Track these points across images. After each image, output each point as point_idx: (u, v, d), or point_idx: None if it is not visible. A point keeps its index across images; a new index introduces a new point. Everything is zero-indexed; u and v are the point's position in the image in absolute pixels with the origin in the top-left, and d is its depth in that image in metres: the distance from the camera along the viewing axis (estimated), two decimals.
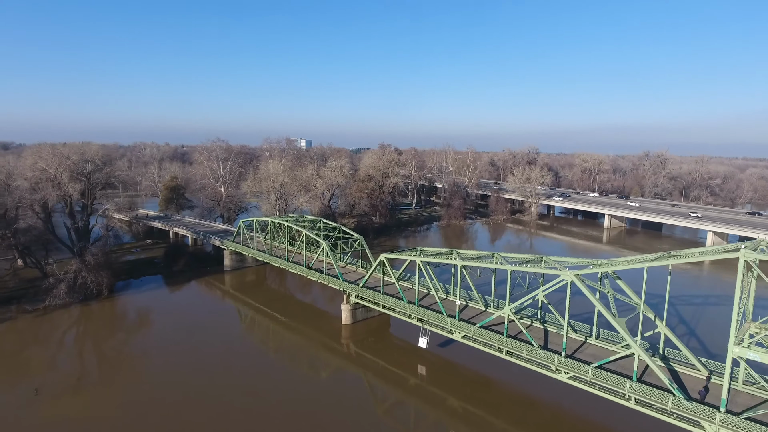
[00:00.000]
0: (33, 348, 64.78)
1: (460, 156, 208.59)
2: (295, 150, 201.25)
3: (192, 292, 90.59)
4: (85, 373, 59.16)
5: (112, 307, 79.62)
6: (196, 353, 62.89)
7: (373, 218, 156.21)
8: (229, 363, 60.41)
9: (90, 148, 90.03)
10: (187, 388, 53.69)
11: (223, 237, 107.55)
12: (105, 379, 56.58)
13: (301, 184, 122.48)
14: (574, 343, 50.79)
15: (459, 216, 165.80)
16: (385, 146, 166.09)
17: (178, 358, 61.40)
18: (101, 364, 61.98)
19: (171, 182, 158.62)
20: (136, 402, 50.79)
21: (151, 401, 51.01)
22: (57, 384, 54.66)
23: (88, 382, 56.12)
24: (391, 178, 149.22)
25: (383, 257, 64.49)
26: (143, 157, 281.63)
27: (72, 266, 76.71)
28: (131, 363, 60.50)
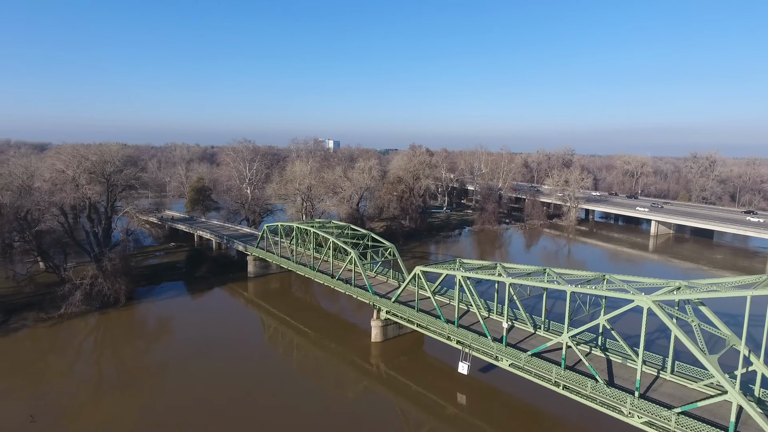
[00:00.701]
0: (47, 358, 61.40)
1: (493, 157, 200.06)
2: (322, 151, 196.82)
3: (214, 300, 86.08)
4: (101, 383, 56.22)
5: (130, 315, 75.62)
6: (216, 366, 59.03)
7: (402, 222, 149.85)
8: (251, 376, 56.81)
9: (109, 149, 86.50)
10: (206, 402, 50.38)
11: (247, 241, 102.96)
12: (122, 390, 53.47)
13: (328, 186, 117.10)
14: (645, 377, 43.06)
15: (493, 221, 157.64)
16: (416, 147, 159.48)
17: (198, 372, 57.60)
18: (117, 375, 58.66)
19: (197, 183, 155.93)
20: (154, 413, 48.22)
21: (169, 413, 48.34)
22: (69, 398, 51.36)
23: (105, 393, 53.31)
24: (423, 180, 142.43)
25: (419, 270, 57.92)
26: (173, 158, 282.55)
27: (89, 272, 72.94)
28: (148, 375, 57.09)
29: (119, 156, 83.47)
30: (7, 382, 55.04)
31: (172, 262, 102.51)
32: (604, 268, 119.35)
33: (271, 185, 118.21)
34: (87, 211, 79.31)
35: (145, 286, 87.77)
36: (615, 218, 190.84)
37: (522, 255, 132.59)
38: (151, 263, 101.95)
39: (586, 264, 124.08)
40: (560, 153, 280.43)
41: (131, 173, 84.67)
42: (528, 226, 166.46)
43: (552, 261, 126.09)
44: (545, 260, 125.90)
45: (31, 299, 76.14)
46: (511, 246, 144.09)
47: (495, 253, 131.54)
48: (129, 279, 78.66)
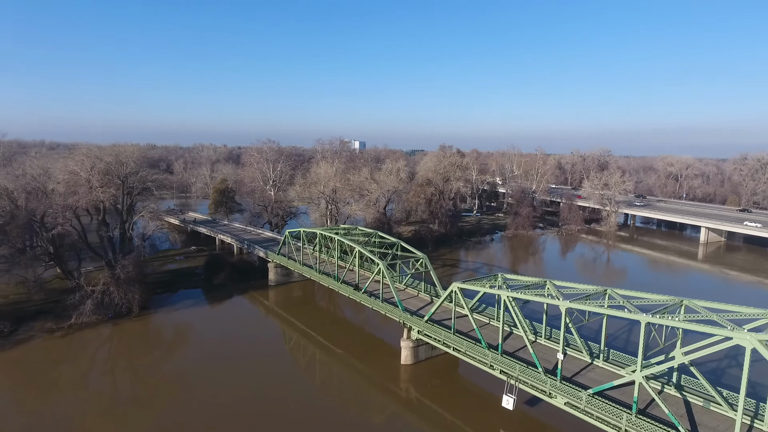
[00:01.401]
0: (58, 369, 57.32)
1: (526, 158, 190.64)
2: (348, 152, 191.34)
3: (233, 309, 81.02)
4: (113, 397, 52.43)
5: (144, 326, 71.09)
6: (233, 382, 54.83)
7: (431, 226, 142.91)
8: (271, 392, 53.14)
9: (125, 150, 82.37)
10: (223, 419, 46.93)
11: (269, 247, 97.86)
12: (135, 404, 50.18)
13: (354, 189, 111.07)
14: (729, 422, 35.21)
15: (527, 226, 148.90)
16: (446, 147, 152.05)
17: (214, 387, 53.64)
18: (130, 388, 54.81)
19: (221, 185, 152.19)
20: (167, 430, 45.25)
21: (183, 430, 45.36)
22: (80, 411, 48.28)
23: (117, 407, 49.69)
24: (453, 182, 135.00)
25: (456, 287, 51.05)
26: (200, 159, 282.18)
27: (100, 280, 68.72)
28: (162, 389, 53.33)
29: (135, 157, 79.11)
30: (17, 394, 51.89)
31: (192, 267, 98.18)
32: (652, 278, 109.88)
33: (294, 188, 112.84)
34: (101, 215, 75.33)
35: (162, 293, 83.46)
36: (657, 223, 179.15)
37: (561, 263, 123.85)
38: (169, 268, 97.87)
39: (629, 273, 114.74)
40: (596, 154, 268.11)
41: (147, 175, 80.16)
42: (564, 231, 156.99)
43: (595, 271, 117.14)
44: (587, 270, 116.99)
45: (43, 307, 72.38)
46: (547, 253, 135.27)
47: (531, 261, 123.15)
48: (143, 287, 74.29)
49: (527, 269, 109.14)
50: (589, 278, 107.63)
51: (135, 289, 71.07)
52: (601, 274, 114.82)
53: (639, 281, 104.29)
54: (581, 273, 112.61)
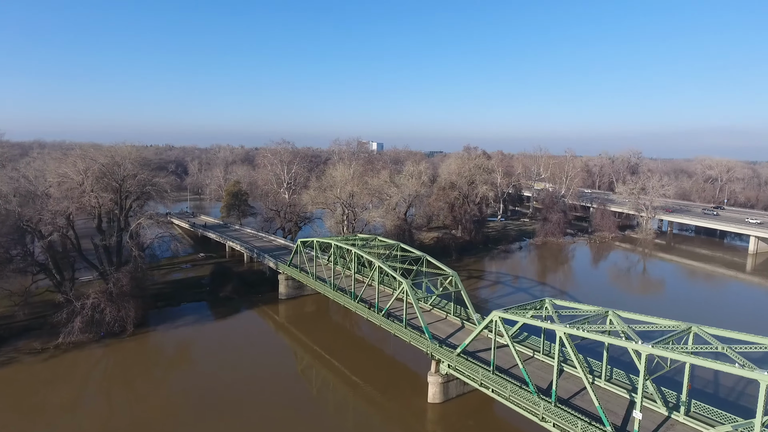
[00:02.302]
0: (34, 398, 49.92)
1: (555, 161, 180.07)
2: (366, 153, 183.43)
3: (240, 327, 73.41)
4: (101, 428, 45.44)
5: (139, 346, 63.81)
6: (237, 411, 47.95)
7: (453, 232, 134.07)
8: (278, 422, 46.79)
9: (121, 150, 75.33)
10: None
11: (280, 256, 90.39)
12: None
13: (373, 193, 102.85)
14: None
15: (557, 232, 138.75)
16: (471, 149, 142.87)
17: (214, 420, 46.37)
18: (119, 418, 47.68)
19: (233, 187, 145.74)
20: None
21: None
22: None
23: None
24: (479, 186, 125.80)
25: (497, 317, 42.33)
26: (216, 160, 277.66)
27: (90, 296, 61.71)
28: (155, 421, 46.71)
29: (131, 158, 71.97)
30: None
31: (197, 277, 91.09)
32: (703, 295, 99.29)
33: (308, 191, 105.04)
34: (96, 222, 68.64)
35: (163, 307, 76.38)
36: (695, 231, 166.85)
37: (599, 276, 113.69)
38: (174, 278, 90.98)
39: (677, 287, 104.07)
40: (625, 156, 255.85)
41: (146, 178, 73.06)
42: (597, 238, 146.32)
43: (643, 286, 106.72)
44: (627, 283, 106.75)
45: (32, 323, 65.91)
46: (582, 263, 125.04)
47: (565, 273, 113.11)
48: (140, 302, 67.15)
49: (563, 282, 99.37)
50: (636, 295, 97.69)
51: (130, 304, 63.94)
52: (648, 289, 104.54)
53: (692, 297, 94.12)
54: (624, 288, 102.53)
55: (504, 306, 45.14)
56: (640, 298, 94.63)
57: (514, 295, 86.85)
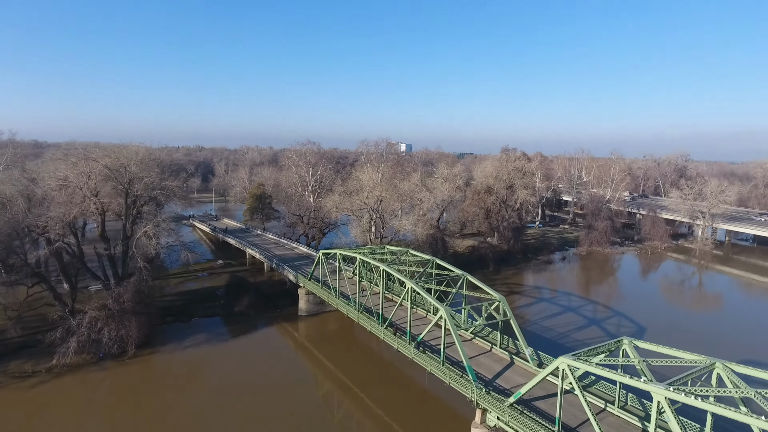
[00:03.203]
0: None
1: (600, 163, 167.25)
2: (395, 155, 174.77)
3: (255, 347, 65.67)
4: None
5: (141, 369, 56.77)
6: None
7: (488, 239, 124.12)
8: None
9: (128, 151, 68.78)
10: None
11: (301, 267, 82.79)
12: None
13: (403, 198, 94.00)
14: None
15: (604, 242, 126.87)
16: (510, 150, 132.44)
17: None
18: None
19: (257, 190, 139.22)
20: None
21: None
22: None
23: None
24: (519, 191, 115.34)
25: (565, 365, 32.87)
26: (244, 161, 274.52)
27: (86, 313, 55.13)
28: None
29: (138, 159, 65.24)
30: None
31: (212, 288, 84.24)
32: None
33: (332, 196, 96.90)
34: (99, 229, 62.38)
35: (172, 323, 69.59)
36: (755, 240, 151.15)
37: (653, 292, 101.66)
38: (188, 288, 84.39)
39: (745, 306, 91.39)
40: (672, 158, 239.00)
41: (153, 181, 66.26)
42: (649, 248, 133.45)
43: (699, 301, 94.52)
44: (690, 300, 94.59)
45: (28, 339, 59.85)
46: (633, 277, 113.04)
47: (616, 288, 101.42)
48: (145, 319, 60.32)
49: (616, 300, 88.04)
50: (699, 312, 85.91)
51: (131, 323, 57.11)
52: (713, 306, 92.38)
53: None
54: (687, 306, 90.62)
55: (553, 331, 36.22)
56: (702, 316, 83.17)
57: (563, 316, 76.63)
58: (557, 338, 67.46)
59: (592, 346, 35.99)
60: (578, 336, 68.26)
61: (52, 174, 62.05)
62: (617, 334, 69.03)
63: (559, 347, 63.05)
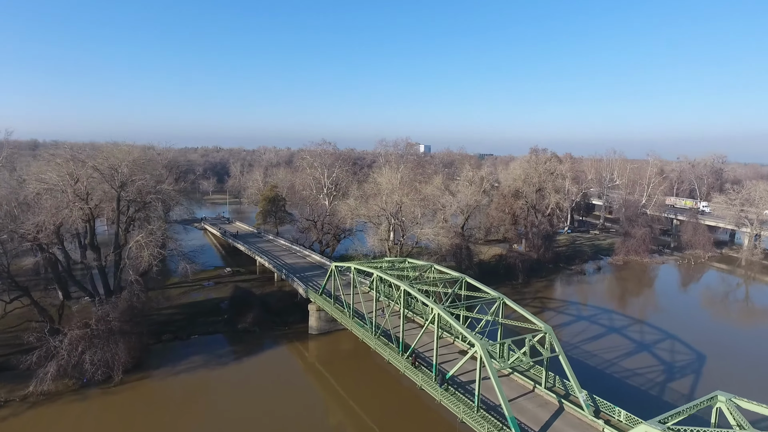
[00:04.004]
0: None
1: (634, 165, 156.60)
2: (415, 156, 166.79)
3: (260, 371, 58.37)
4: None
5: (128, 398, 49.96)
6: None
7: (515, 246, 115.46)
8: None
9: (118, 151, 62.09)
10: None
11: (313, 278, 75.61)
12: None
13: (426, 205, 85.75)
14: None
15: (643, 251, 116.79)
16: (539, 151, 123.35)
17: None
18: None
19: (270, 192, 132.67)
20: None
21: None
22: None
23: None
24: (551, 195, 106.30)
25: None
26: (261, 162, 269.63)
27: (66, 335, 48.56)
28: None
29: (129, 160, 58.27)
30: None
31: (217, 300, 77.44)
32: None
33: (347, 201, 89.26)
34: (89, 238, 56.02)
35: (169, 341, 62.88)
36: None
37: (704, 309, 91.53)
38: (191, 299, 77.75)
39: None
40: (708, 160, 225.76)
41: (146, 184, 59.38)
42: (691, 257, 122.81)
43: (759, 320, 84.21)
44: (753, 321, 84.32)
45: (10, 359, 53.64)
46: (679, 291, 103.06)
47: (662, 305, 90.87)
48: (135, 339, 53.66)
49: (667, 320, 77.79)
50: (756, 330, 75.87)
51: (119, 344, 50.42)
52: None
53: None
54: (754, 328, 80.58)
55: (598, 358, 27.88)
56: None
57: (607, 339, 67.65)
58: (605, 368, 58.67)
59: (678, 408, 27.56)
60: (629, 364, 59.27)
61: (34, 176, 55.71)
62: (672, 364, 60.08)
63: (612, 383, 54.28)
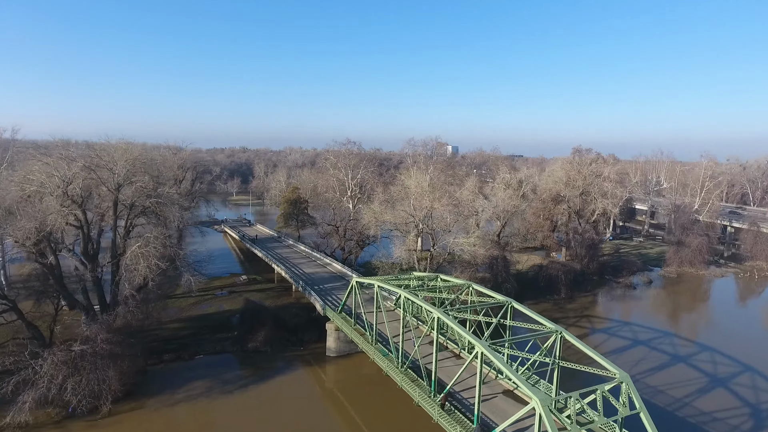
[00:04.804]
0: None
1: (685, 167, 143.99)
2: (444, 157, 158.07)
3: (271, 398, 51.20)
4: None
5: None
6: None
7: (553, 255, 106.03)
8: None
9: (115, 149, 55.55)
10: None
11: (333, 290, 68.29)
12: None
13: (460, 211, 76.79)
14: None
15: (699, 262, 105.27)
16: (583, 151, 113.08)
17: None
18: None
19: (291, 194, 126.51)
20: None
21: None
22: None
23: None
24: (597, 200, 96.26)
25: None
26: (286, 163, 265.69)
27: (47, 360, 42.29)
28: None
29: (124, 159, 51.66)
30: None
31: (229, 312, 70.84)
32: None
33: (371, 206, 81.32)
34: (82, 246, 50.04)
35: (171, 362, 56.35)
36: None
37: None
38: (201, 311, 71.34)
39: None
40: (761, 161, 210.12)
41: (146, 186, 52.84)
42: (754, 270, 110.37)
43: None
44: None
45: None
46: (746, 312, 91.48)
47: (730, 327, 79.54)
48: (129, 362, 47.22)
49: (744, 347, 66.53)
50: None
51: (109, 369, 43.97)
52: None
53: None
54: None
55: (665, 395, 20.03)
56: None
57: (674, 372, 57.77)
58: (675, 408, 49.14)
59: None
60: (705, 405, 49.46)
61: (23, 178, 49.62)
62: (757, 406, 50.01)
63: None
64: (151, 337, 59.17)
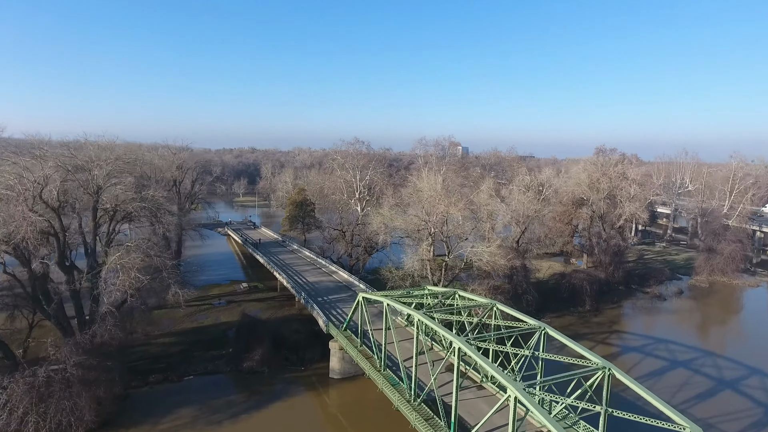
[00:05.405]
0: None
1: (713, 169, 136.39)
2: (457, 157, 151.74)
3: (267, 427, 45.77)
4: None
5: None
6: None
7: (572, 261, 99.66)
8: None
9: (95, 148, 50.07)
10: None
11: (338, 303, 62.56)
12: None
13: (478, 216, 70.58)
14: None
15: (732, 270, 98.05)
16: (607, 152, 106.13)
17: None
18: None
19: (297, 196, 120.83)
20: None
21: None
22: None
23: None
24: (624, 204, 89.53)
25: None
26: (294, 163, 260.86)
27: (5, 389, 36.99)
28: None
29: (103, 159, 46.10)
30: None
31: (225, 325, 65.32)
32: None
33: (380, 211, 75.21)
34: (57, 256, 44.82)
35: (157, 384, 50.80)
36: None
37: None
38: (195, 323, 66.04)
39: None
40: None
41: (128, 189, 47.26)
42: None
43: None
44: None
45: None
46: None
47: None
48: (106, 388, 41.80)
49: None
50: None
51: (82, 398, 38.53)
52: None
53: None
54: None
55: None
56: None
57: (722, 399, 51.19)
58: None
59: None
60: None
61: None
62: None
63: None
64: (137, 355, 53.97)
